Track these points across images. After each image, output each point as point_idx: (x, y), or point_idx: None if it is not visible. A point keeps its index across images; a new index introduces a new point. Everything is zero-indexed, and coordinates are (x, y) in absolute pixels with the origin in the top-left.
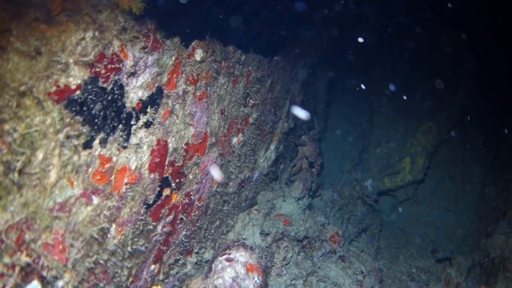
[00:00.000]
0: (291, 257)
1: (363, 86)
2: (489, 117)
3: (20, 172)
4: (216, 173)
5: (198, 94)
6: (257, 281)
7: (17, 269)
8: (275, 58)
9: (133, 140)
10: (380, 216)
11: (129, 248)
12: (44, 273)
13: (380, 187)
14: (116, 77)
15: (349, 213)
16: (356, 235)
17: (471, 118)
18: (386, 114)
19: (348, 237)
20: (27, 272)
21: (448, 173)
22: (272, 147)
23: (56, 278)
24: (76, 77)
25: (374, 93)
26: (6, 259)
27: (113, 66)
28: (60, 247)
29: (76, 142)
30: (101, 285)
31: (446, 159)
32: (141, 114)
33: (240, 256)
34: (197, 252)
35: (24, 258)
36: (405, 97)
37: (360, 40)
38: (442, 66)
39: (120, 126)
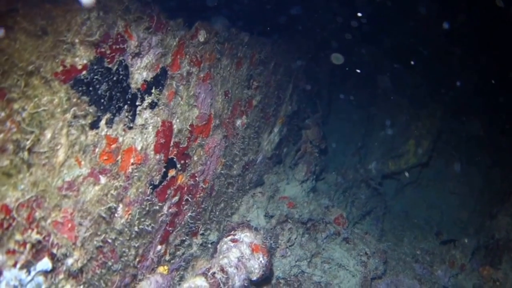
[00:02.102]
0: (295, 238)
1: (358, 71)
2: (495, 99)
3: (30, 151)
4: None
5: (202, 75)
6: (262, 261)
7: (28, 246)
8: (278, 40)
9: (139, 120)
10: (384, 199)
11: (136, 228)
12: (54, 251)
13: (384, 170)
14: (121, 58)
15: (353, 196)
16: (360, 217)
17: (476, 101)
18: (390, 97)
19: (352, 219)
20: (38, 250)
21: (453, 155)
22: (276, 130)
23: (65, 255)
24: (82, 57)
25: (378, 76)
26: (18, 236)
27: (118, 46)
28: (69, 225)
29: (83, 122)
30: (109, 263)
31: (451, 142)
32: (146, 95)
33: (245, 236)
34: (202, 234)
35: (35, 236)
36: (412, 62)
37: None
38: (446, 48)
39: (126, 106)
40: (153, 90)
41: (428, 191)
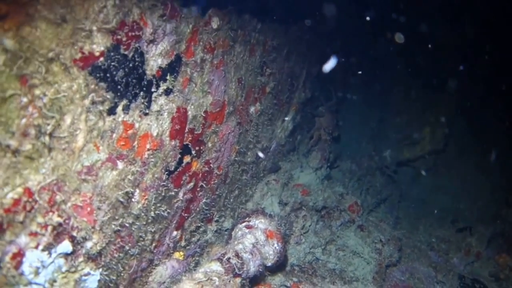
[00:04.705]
0: (309, 226)
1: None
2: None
3: (50, 135)
4: None
5: (215, 62)
6: (277, 247)
7: (49, 228)
8: (291, 26)
9: (154, 107)
10: (400, 186)
11: (152, 213)
12: (74, 234)
13: (399, 158)
14: (137, 45)
15: (367, 184)
16: (375, 205)
17: (492, 87)
18: (405, 83)
19: (367, 207)
20: (59, 232)
21: (469, 142)
22: (289, 117)
23: (85, 239)
24: (99, 44)
25: (393, 61)
26: (40, 219)
27: (133, 33)
28: (89, 209)
29: (101, 108)
30: (127, 247)
31: (467, 128)
32: (161, 82)
33: (260, 223)
34: (217, 221)
35: (56, 218)
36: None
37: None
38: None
39: (142, 93)
40: (168, 77)
41: (444, 179)
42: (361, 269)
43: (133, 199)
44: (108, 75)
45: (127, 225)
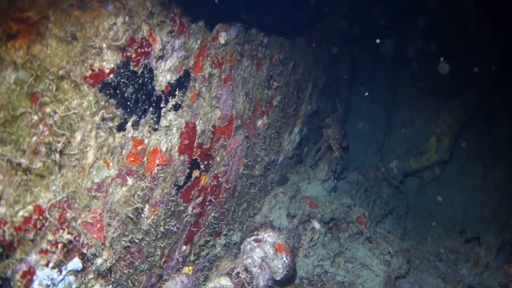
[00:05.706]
0: (318, 238)
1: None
2: None
3: (61, 153)
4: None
5: (223, 77)
6: (286, 261)
7: (60, 246)
8: (297, 40)
9: (163, 122)
10: (407, 197)
11: (162, 228)
12: (84, 251)
13: (405, 168)
14: (146, 61)
15: (374, 195)
16: (382, 216)
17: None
18: (410, 93)
19: (374, 218)
20: (69, 250)
21: (476, 151)
22: (296, 130)
23: (95, 255)
24: (109, 61)
25: (398, 71)
26: (50, 236)
27: (143, 50)
28: (99, 225)
29: (111, 124)
30: (136, 263)
31: (474, 138)
32: (170, 97)
33: (268, 236)
34: (225, 234)
35: (66, 236)
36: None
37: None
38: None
39: (151, 109)
40: (176, 92)
41: (451, 189)
42: (370, 281)
43: (142, 215)
44: (118, 91)
45: (136, 241)
